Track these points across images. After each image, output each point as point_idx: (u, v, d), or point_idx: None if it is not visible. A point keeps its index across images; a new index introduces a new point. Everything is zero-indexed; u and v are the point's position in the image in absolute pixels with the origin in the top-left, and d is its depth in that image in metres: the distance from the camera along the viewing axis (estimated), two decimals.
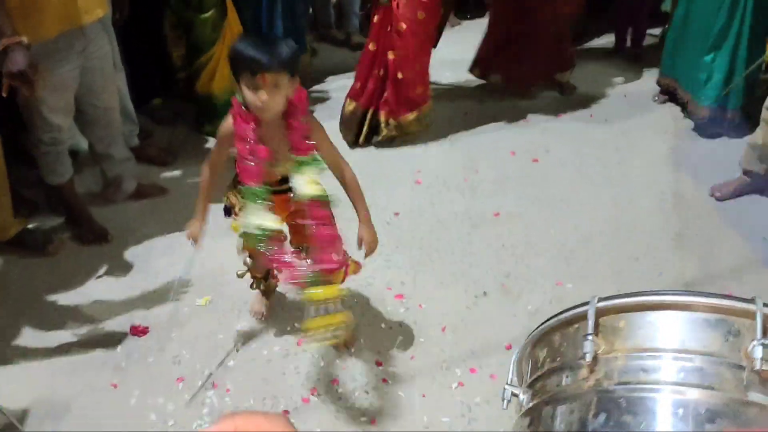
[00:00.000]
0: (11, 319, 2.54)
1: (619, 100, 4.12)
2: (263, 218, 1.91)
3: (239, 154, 1.93)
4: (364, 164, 3.40)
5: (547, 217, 3.08)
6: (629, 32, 4.63)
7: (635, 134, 3.75)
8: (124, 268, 2.80)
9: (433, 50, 3.61)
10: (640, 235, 2.95)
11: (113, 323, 2.52)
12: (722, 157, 3.46)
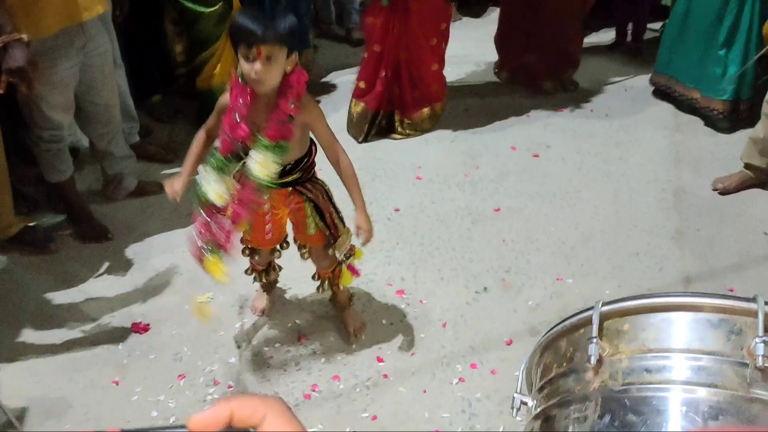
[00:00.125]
0: (13, 317, 2.55)
1: (619, 94, 4.11)
2: (214, 188, 1.91)
3: (223, 124, 1.94)
4: (364, 160, 3.41)
5: (547, 212, 3.08)
6: (630, 27, 4.63)
7: (636, 129, 3.74)
8: (124, 265, 2.81)
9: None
10: (640, 230, 2.94)
11: (114, 320, 2.53)
12: (723, 151, 3.46)
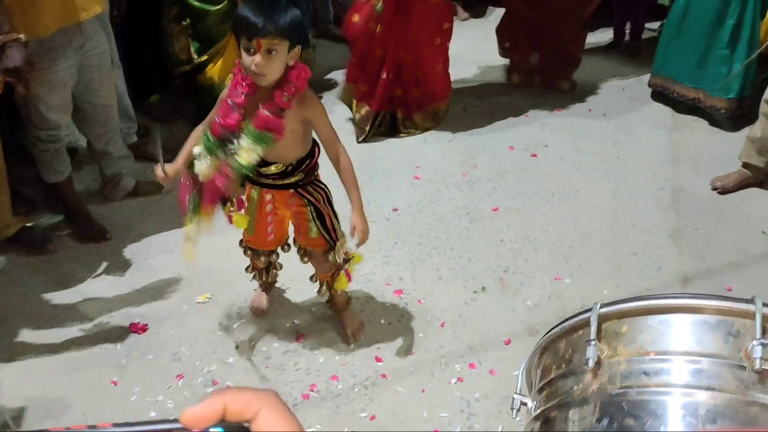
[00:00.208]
0: (11, 317, 2.54)
1: (617, 94, 4.11)
2: (200, 164, 1.92)
3: (219, 110, 1.93)
4: (362, 160, 3.40)
5: (545, 212, 3.08)
6: (628, 26, 4.63)
7: (634, 128, 3.74)
8: (123, 265, 2.80)
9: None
10: (638, 229, 2.95)
11: (113, 321, 2.53)
12: (721, 150, 3.47)
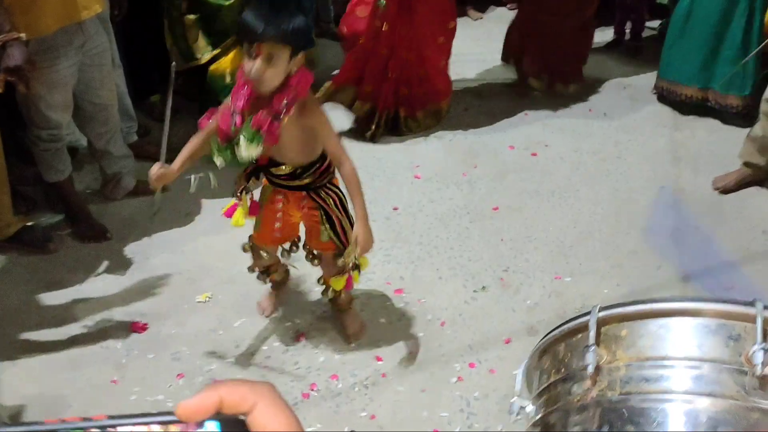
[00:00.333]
0: (11, 316, 2.54)
1: (618, 93, 4.11)
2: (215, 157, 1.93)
3: (221, 114, 1.93)
4: (363, 159, 3.39)
5: (546, 211, 3.08)
6: (628, 25, 4.62)
7: (635, 128, 3.74)
8: (123, 264, 2.80)
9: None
10: (639, 228, 2.94)
11: (113, 320, 2.53)
12: (721, 150, 3.46)
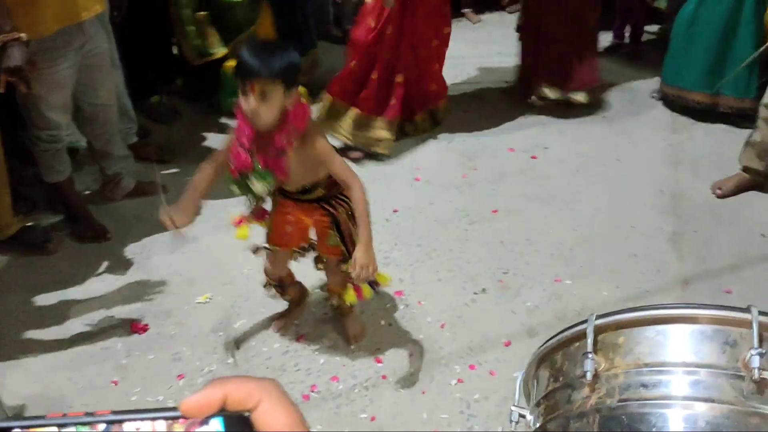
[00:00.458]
0: (11, 317, 2.54)
1: (617, 97, 4.11)
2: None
3: (231, 151, 1.95)
4: (363, 160, 3.41)
5: (545, 214, 3.08)
6: (627, 29, 4.63)
7: (634, 131, 3.75)
8: (123, 265, 2.80)
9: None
10: (638, 232, 2.95)
11: (113, 320, 2.53)
12: (720, 154, 3.47)
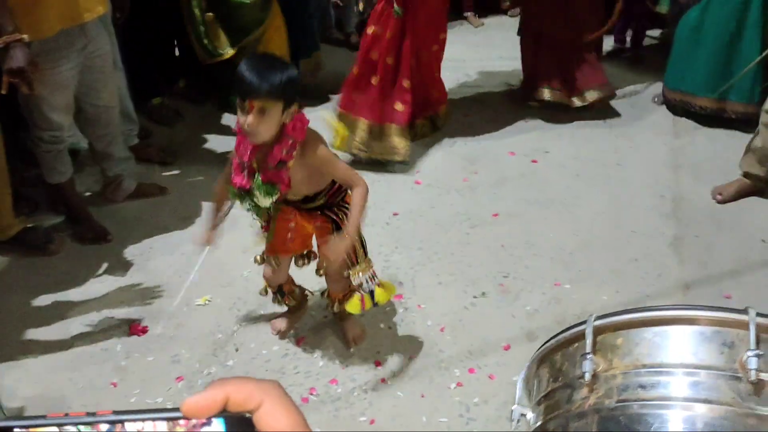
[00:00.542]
0: (11, 317, 2.54)
1: (618, 101, 4.11)
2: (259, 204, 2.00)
3: (233, 166, 1.98)
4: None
5: (546, 218, 3.08)
6: (629, 33, 4.64)
7: (635, 135, 3.75)
8: (123, 267, 2.81)
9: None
10: (639, 236, 2.95)
11: (113, 322, 2.53)
12: (721, 158, 3.47)
